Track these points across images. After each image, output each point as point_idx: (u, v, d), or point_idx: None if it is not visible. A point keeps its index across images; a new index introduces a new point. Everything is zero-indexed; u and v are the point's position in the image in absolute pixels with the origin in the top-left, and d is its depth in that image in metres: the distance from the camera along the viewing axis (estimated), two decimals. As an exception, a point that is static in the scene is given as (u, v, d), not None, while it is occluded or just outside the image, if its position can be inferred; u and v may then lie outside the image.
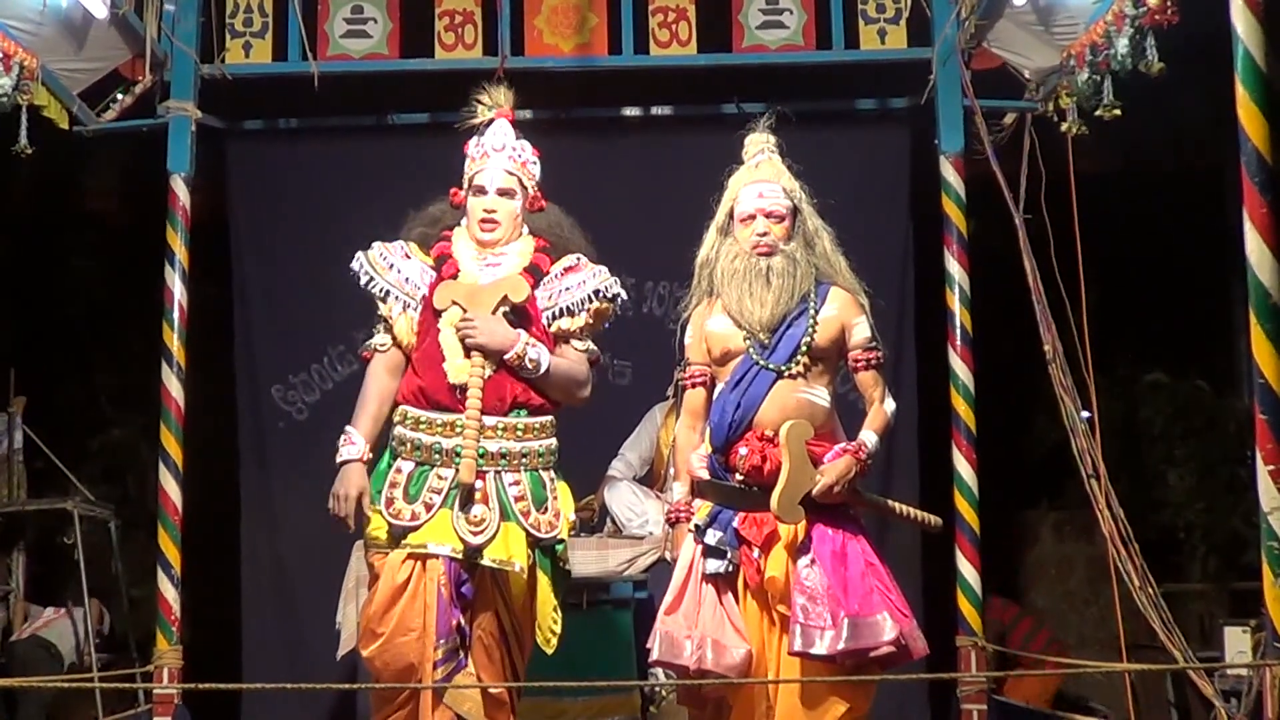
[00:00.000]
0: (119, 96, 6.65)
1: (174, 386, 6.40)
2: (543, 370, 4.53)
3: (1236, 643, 6.65)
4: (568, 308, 4.64)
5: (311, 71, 6.62)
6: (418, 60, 6.83)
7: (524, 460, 4.51)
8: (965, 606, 6.29)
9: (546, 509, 4.52)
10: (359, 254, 4.66)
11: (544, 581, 4.56)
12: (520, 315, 4.55)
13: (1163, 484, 9.00)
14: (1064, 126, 6.31)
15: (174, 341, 6.44)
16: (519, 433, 4.51)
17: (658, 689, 5.92)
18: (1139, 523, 5.99)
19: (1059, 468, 7.85)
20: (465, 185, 4.71)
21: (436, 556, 4.37)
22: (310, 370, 7.45)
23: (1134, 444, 8.99)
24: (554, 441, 4.61)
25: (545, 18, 6.80)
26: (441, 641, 4.34)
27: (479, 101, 4.78)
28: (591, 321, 4.67)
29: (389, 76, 6.95)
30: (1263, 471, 3.99)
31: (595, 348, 4.71)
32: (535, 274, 4.64)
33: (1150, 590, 5.65)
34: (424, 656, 4.37)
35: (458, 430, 4.43)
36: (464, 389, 4.44)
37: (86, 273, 9.64)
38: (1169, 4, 5.14)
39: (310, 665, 6.64)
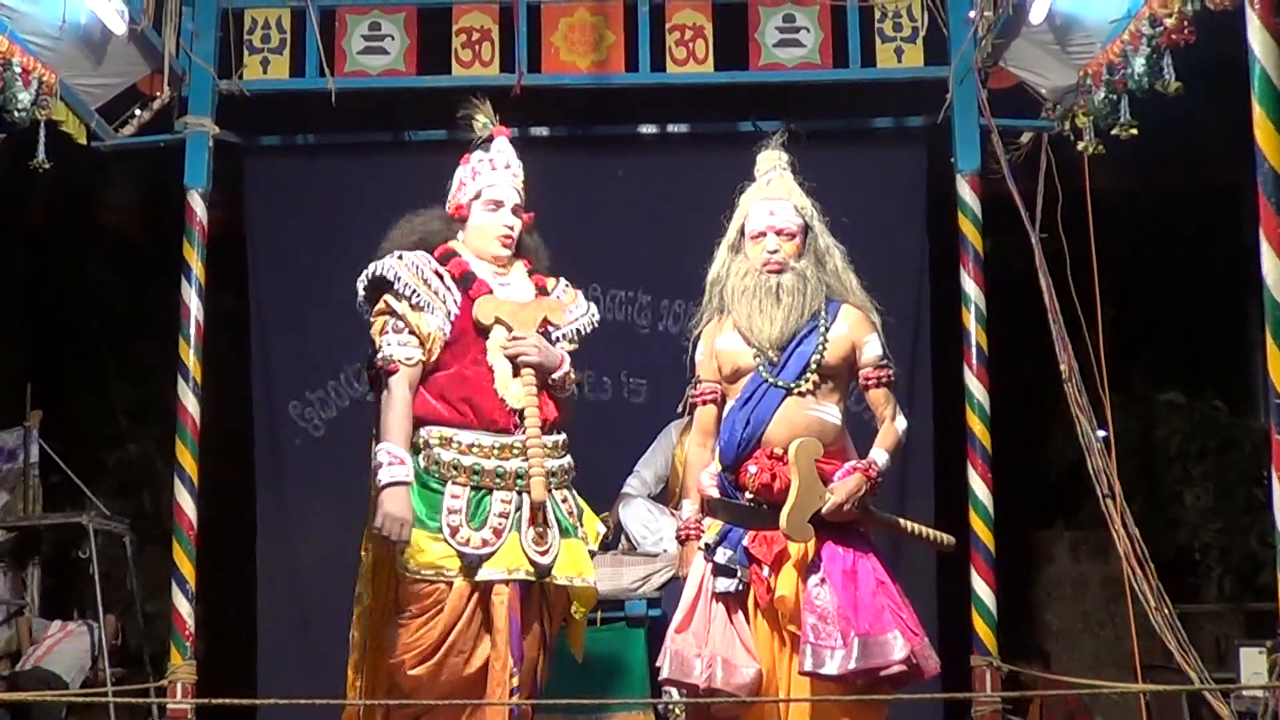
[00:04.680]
0: (137, 112, 6.67)
1: (189, 401, 6.42)
2: (571, 389, 4.57)
3: (1252, 664, 6.65)
4: (575, 331, 4.71)
5: (329, 88, 6.64)
6: (435, 77, 6.84)
7: (566, 477, 4.60)
8: (980, 626, 6.26)
9: (583, 522, 4.62)
10: (389, 262, 4.54)
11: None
12: (544, 335, 4.58)
13: (1178, 504, 8.96)
14: (1080, 145, 6.29)
15: (190, 356, 6.45)
16: (558, 450, 4.57)
17: (669, 707, 5.90)
18: (1155, 542, 5.98)
19: (1075, 487, 7.83)
20: (470, 197, 4.66)
21: (509, 582, 4.35)
22: (327, 387, 7.41)
23: (1150, 463, 8.96)
24: (569, 459, 4.66)
25: (562, 35, 6.80)
26: (516, 669, 4.34)
27: (472, 118, 4.76)
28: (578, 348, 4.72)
29: (406, 93, 6.96)
30: (1279, 491, 3.98)
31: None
32: (543, 294, 4.67)
33: (1166, 610, 5.63)
34: (462, 676, 4.38)
35: (515, 452, 4.43)
36: (520, 411, 4.44)
37: (103, 287, 9.68)
38: (1186, 23, 5.13)
39: (326, 680, 6.62)
